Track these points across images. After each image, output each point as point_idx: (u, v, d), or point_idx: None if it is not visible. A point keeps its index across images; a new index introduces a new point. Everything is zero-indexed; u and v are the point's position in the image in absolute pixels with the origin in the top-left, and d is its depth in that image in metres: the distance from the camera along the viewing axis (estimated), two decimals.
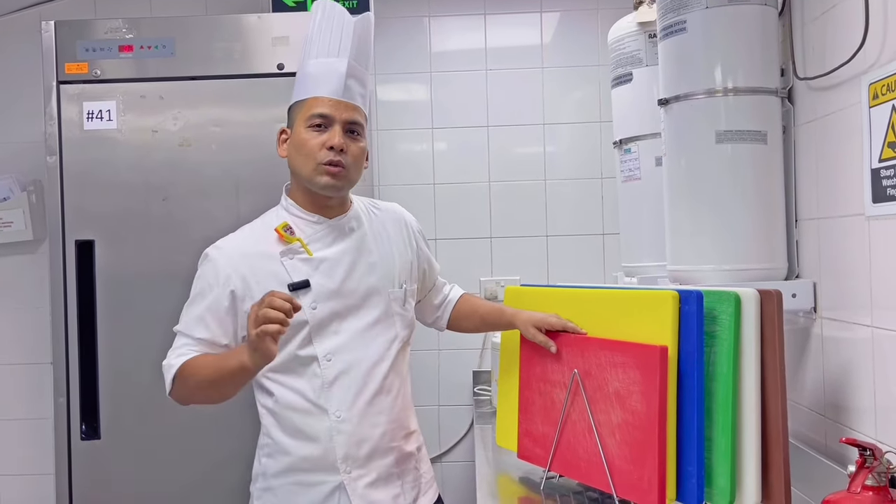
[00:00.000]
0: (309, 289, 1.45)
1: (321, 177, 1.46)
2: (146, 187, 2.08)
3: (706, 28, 1.68)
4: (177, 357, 1.44)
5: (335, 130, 1.46)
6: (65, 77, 2.09)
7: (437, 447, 2.63)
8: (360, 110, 1.50)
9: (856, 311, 1.52)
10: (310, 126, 1.46)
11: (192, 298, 1.49)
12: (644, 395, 1.31)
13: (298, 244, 1.47)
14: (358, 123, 1.49)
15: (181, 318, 1.49)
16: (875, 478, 1.19)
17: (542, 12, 2.67)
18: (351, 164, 1.47)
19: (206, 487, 2.05)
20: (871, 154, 1.42)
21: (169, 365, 1.45)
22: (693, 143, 1.70)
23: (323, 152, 1.45)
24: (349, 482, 1.46)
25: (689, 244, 1.73)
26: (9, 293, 2.63)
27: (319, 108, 1.46)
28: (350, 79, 1.48)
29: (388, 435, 1.51)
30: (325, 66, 1.48)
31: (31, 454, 2.61)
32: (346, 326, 1.47)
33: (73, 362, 2.06)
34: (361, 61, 1.52)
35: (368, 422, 1.48)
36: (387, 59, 2.66)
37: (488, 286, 2.64)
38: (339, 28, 1.50)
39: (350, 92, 1.48)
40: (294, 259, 1.47)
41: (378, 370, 1.50)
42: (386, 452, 1.50)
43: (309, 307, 1.44)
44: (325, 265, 1.48)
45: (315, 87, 1.48)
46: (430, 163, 2.68)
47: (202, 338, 1.45)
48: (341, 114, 1.46)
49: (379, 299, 1.52)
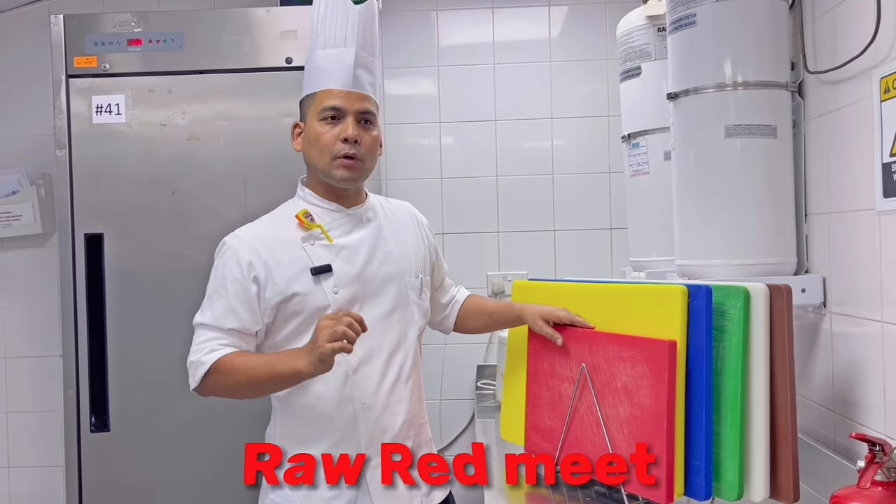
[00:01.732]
0: (331, 273, 1.45)
1: (337, 170, 1.47)
2: (155, 181, 2.09)
3: (716, 21, 1.67)
4: (207, 353, 1.41)
5: (348, 122, 1.46)
6: (74, 71, 2.10)
7: (439, 441, 2.63)
8: (371, 99, 1.51)
9: (865, 307, 1.52)
10: (322, 119, 1.47)
11: (214, 289, 1.46)
12: (652, 390, 1.31)
13: (318, 230, 1.48)
14: (370, 112, 1.50)
15: (203, 312, 1.46)
16: (885, 473, 1.19)
17: (550, 6, 2.66)
18: (366, 155, 1.48)
19: (214, 479, 2.06)
20: (882, 148, 1.42)
21: (199, 362, 1.42)
22: (702, 138, 1.70)
23: (338, 145, 1.46)
24: (369, 470, 1.47)
25: (698, 239, 1.73)
26: (18, 286, 2.64)
27: (331, 101, 1.47)
28: (358, 68, 1.49)
29: (407, 423, 1.52)
30: (332, 57, 1.49)
31: (40, 446, 2.63)
32: (366, 313, 1.46)
33: (82, 355, 2.07)
34: (368, 49, 1.52)
35: (390, 409, 1.49)
36: (394, 53, 2.66)
37: (495, 280, 2.64)
38: (343, 17, 1.50)
39: (359, 82, 1.49)
40: (315, 245, 1.47)
41: (397, 358, 1.51)
42: (404, 441, 1.52)
43: (331, 291, 1.45)
44: (345, 251, 1.48)
45: (325, 80, 1.48)
46: (438, 157, 2.67)
47: (233, 328, 1.43)
48: (352, 105, 1.47)
49: (396, 288, 1.52)
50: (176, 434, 2.07)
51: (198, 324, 1.46)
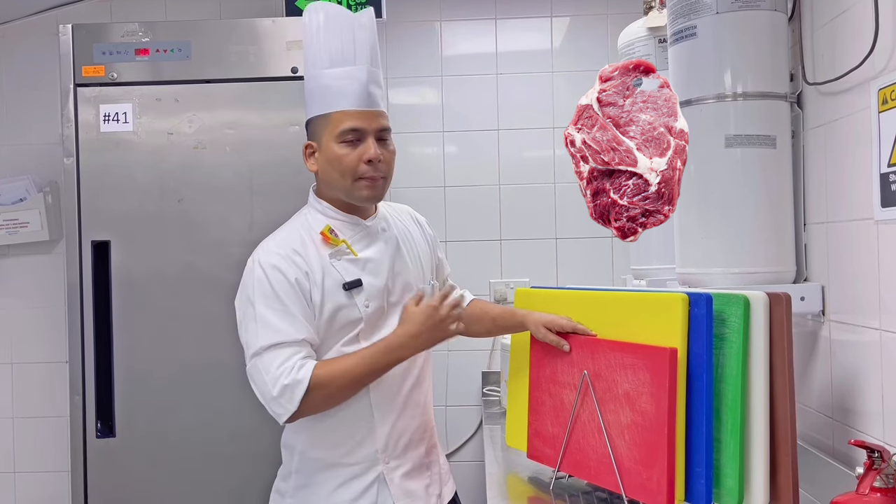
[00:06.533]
0: (361, 287, 1.46)
1: (362, 191, 1.46)
2: (161, 189, 2.11)
3: (716, 33, 1.69)
4: (298, 371, 1.35)
5: (369, 143, 1.44)
6: (82, 80, 2.12)
7: (445, 446, 2.64)
8: (385, 114, 1.49)
9: (864, 315, 1.53)
10: (342, 142, 1.44)
11: (267, 307, 1.39)
12: (653, 397, 1.33)
13: (344, 245, 1.47)
14: (387, 129, 1.49)
15: (264, 334, 1.38)
16: (883, 479, 1.20)
17: (552, 17, 2.69)
18: (388, 171, 1.49)
19: (220, 486, 2.08)
20: (880, 159, 1.43)
21: (295, 382, 1.35)
22: (702, 147, 1.71)
23: (361, 167, 1.44)
24: (388, 472, 1.49)
25: (699, 247, 1.75)
26: (25, 293, 2.66)
27: (349, 123, 1.44)
28: (371, 85, 1.46)
29: (422, 427, 1.56)
30: (343, 75, 1.45)
31: (47, 452, 2.64)
32: (389, 322, 1.49)
33: (88, 361, 2.09)
34: (376, 62, 1.50)
35: (407, 413, 1.52)
36: (398, 63, 2.68)
37: (498, 288, 2.65)
38: (348, 32, 1.46)
39: (373, 99, 1.47)
40: (342, 260, 1.47)
41: (414, 364, 1.53)
42: (419, 443, 1.55)
43: (363, 305, 1.46)
44: (370, 265, 1.49)
45: (338, 100, 1.45)
46: (441, 166, 2.70)
47: (305, 338, 1.40)
48: (371, 124, 1.45)
49: (411, 295, 1.54)
50: (182, 440, 2.08)
51: (265, 347, 1.38)
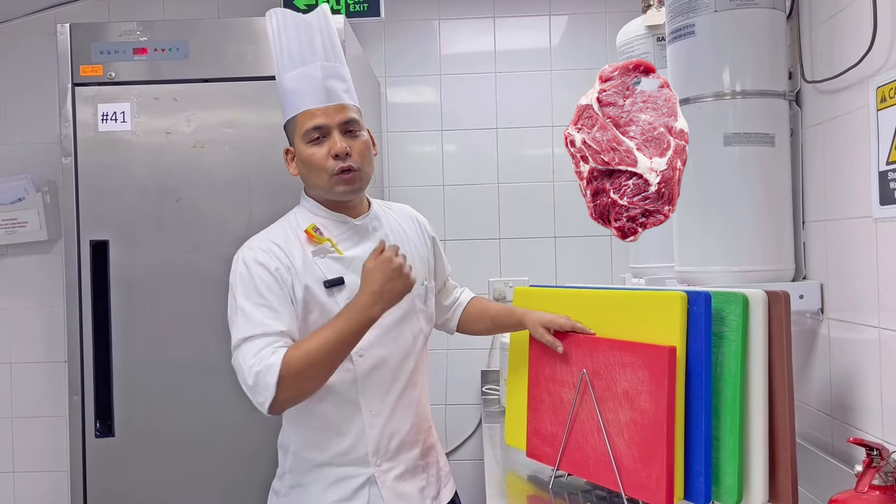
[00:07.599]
0: (343, 286, 1.46)
1: (337, 186, 1.47)
2: (160, 188, 2.11)
3: (715, 31, 1.69)
4: (270, 357, 1.34)
5: (334, 137, 1.46)
6: (80, 79, 2.12)
7: (445, 445, 2.64)
8: (349, 106, 1.49)
9: (863, 313, 1.54)
10: (309, 142, 1.46)
11: (247, 300, 1.41)
12: (652, 395, 1.33)
13: (329, 244, 1.48)
14: (352, 121, 1.48)
15: (242, 327, 1.39)
16: (882, 477, 1.21)
17: (550, 15, 2.69)
18: (360, 163, 1.48)
19: (219, 485, 2.08)
20: (878, 157, 1.44)
21: (266, 367, 1.33)
22: (701, 146, 1.72)
23: (330, 162, 1.45)
24: (379, 475, 1.49)
25: (698, 245, 1.75)
26: (24, 292, 2.66)
27: (312, 122, 1.46)
28: (328, 80, 1.47)
29: (415, 428, 1.55)
30: (301, 76, 1.47)
31: (46, 451, 2.64)
32: (378, 323, 1.49)
33: (87, 361, 2.08)
34: (331, 57, 1.50)
35: (398, 415, 1.51)
36: (397, 62, 2.68)
37: (497, 287, 2.65)
38: (301, 32, 1.48)
39: (333, 94, 1.47)
40: (326, 258, 1.48)
41: (406, 365, 1.53)
42: (412, 445, 1.54)
43: (345, 303, 1.45)
44: (356, 263, 1.48)
45: (300, 101, 1.47)
46: (440, 164, 2.70)
47: (283, 331, 1.39)
48: (333, 119, 1.46)
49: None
50: (181, 439, 2.08)
51: (242, 339, 1.38)
